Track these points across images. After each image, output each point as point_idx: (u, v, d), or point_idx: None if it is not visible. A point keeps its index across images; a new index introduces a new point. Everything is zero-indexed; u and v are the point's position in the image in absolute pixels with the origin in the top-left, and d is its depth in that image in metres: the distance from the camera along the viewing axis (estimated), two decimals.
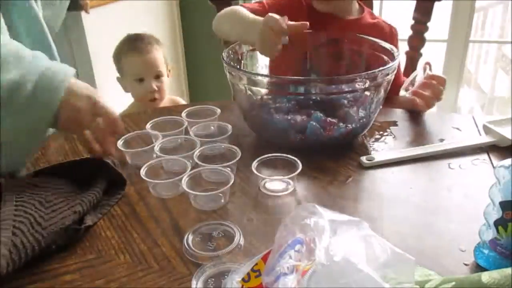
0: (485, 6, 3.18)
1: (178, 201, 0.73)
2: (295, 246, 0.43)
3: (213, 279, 0.55)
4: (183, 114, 0.93)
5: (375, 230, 0.44)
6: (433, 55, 2.08)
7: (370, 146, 0.88)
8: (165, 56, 1.66)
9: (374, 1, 1.31)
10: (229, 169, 0.74)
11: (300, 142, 0.85)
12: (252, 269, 0.45)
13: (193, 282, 0.54)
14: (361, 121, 0.86)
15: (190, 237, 0.63)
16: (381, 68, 0.80)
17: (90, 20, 1.70)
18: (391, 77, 0.83)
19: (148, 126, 0.90)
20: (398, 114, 1.01)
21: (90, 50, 1.73)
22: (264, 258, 0.46)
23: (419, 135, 0.93)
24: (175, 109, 1.08)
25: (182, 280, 0.57)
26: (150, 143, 0.86)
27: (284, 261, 0.42)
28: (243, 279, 0.46)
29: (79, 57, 1.75)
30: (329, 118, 0.84)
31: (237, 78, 0.85)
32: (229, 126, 0.88)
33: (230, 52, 0.94)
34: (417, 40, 1.24)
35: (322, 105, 0.86)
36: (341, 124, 0.85)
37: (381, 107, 0.89)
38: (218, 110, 0.93)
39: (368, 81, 0.80)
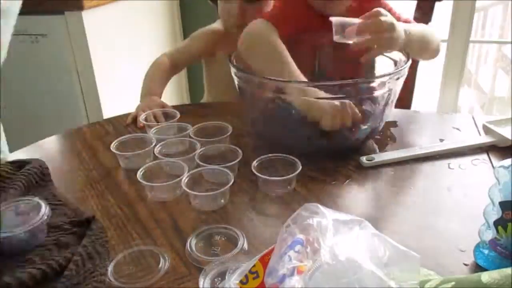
0: (485, 6, 3.18)
1: (178, 201, 0.73)
2: (295, 247, 0.43)
3: (219, 278, 0.55)
4: (191, 132, 0.88)
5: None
6: None
7: (370, 146, 0.88)
8: None
9: None
10: (229, 169, 0.74)
11: (326, 146, 0.84)
12: (250, 271, 0.45)
13: (200, 281, 0.54)
14: (378, 119, 0.86)
15: (193, 242, 0.63)
16: (393, 71, 0.80)
17: (90, 20, 1.70)
18: (402, 80, 0.83)
19: (142, 117, 0.92)
20: (399, 114, 1.01)
21: (90, 50, 1.72)
22: (262, 260, 0.45)
23: (419, 135, 0.93)
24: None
25: (182, 280, 0.57)
26: (146, 145, 0.85)
27: (284, 263, 0.42)
28: (241, 281, 0.45)
29: (79, 57, 1.75)
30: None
31: (247, 83, 0.84)
32: (229, 127, 0.88)
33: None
34: None
35: None
36: (361, 125, 0.84)
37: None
38: (230, 128, 0.88)
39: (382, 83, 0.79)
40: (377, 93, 0.82)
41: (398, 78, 0.81)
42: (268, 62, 0.90)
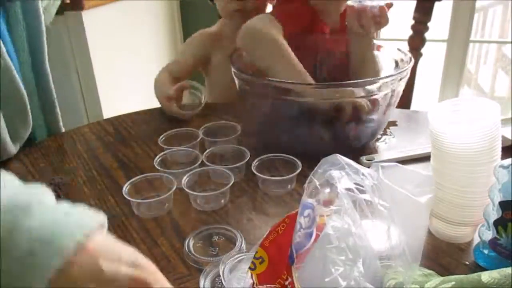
0: (485, 6, 3.18)
1: (178, 201, 0.73)
2: (304, 212, 0.44)
3: (220, 279, 0.55)
4: (200, 131, 0.88)
5: None
6: (433, 55, 2.08)
7: (371, 146, 0.88)
8: None
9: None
10: (228, 169, 0.74)
11: (334, 146, 0.83)
12: (255, 257, 0.47)
13: (201, 281, 0.54)
14: (381, 120, 0.86)
15: (191, 242, 0.63)
16: (395, 73, 0.79)
17: (90, 20, 1.70)
18: (405, 81, 0.82)
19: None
20: (398, 114, 1.01)
21: (90, 50, 1.72)
22: (262, 245, 0.47)
23: (419, 135, 0.93)
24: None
25: (182, 280, 0.57)
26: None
27: (296, 232, 0.44)
28: (250, 268, 0.47)
29: (79, 57, 1.75)
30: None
31: (250, 84, 0.84)
32: (238, 126, 0.87)
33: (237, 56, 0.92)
34: (417, 40, 1.23)
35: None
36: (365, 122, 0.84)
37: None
38: (239, 128, 0.89)
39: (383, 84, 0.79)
40: (379, 95, 0.81)
41: (401, 79, 0.81)
42: (274, 61, 0.88)
